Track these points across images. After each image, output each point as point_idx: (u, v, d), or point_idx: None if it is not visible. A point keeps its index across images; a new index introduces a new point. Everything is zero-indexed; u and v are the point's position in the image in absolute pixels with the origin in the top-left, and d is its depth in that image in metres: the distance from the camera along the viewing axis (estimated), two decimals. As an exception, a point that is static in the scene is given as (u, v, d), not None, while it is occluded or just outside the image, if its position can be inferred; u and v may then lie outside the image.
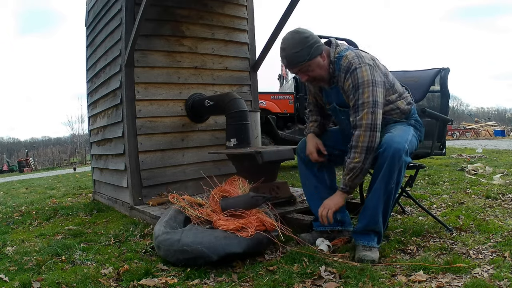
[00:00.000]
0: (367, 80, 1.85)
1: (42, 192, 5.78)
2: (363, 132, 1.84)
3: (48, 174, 12.81)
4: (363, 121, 1.84)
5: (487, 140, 15.04)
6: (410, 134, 1.96)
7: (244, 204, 2.10)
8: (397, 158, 1.80)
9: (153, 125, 3.31)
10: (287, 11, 3.41)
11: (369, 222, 1.90)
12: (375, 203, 1.88)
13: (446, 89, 2.36)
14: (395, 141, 1.83)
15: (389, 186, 1.85)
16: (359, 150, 1.85)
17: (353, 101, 1.89)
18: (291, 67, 1.96)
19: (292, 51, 1.90)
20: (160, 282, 1.72)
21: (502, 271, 1.60)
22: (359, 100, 1.86)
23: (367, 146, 1.84)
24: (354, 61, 1.89)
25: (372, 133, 1.84)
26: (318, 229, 2.19)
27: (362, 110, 1.85)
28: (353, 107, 1.89)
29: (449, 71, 2.37)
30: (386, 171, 1.82)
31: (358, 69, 1.87)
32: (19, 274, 1.92)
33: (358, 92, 1.86)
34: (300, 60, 1.90)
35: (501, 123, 31.19)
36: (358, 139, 1.85)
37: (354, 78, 1.87)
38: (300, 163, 2.24)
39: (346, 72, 1.90)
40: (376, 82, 1.87)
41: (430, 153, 2.29)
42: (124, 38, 3.18)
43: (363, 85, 1.85)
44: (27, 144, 47.64)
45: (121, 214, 3.34)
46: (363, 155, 1.85)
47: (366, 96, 1.85)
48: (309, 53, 1.89)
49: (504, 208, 2.69)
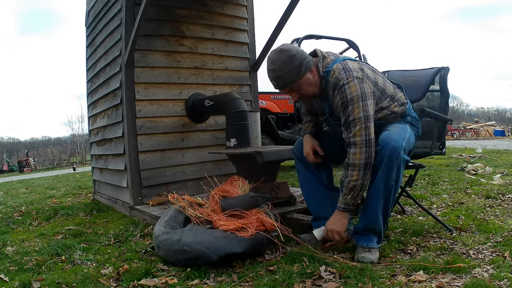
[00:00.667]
0: (356, 96, 1.81)
1: (42, 192, 5.78)
2: (358, 149, 1.82)
3: (48, 174, 12.81)
4: (356, 138, 1.81)
5: (487, 140, 15.04)
6: (407, 131, 1.96)
7: (244, 204, 2.10)
8: (395, 156, 1.80)
9: (153, 125, 3.31)
10: (287, 11, 3.41)
11: (369, 221, 1.90)
12: (375, 202, 1.88)
13: (446, 88, 2.35)
14: (393, 139, 1.82)
15: (388, 184, 1.85)
16: (357, 168, 1.82)
17: (343, 118, 1.86)
18: (280, 88, 1.91)
19: (280, 72, 1.84)
20: (160, 282, 1.72)
21: (502, 271, 1.60)
22: (350, 117, 1.83)
23: (364, 163, 1.81)
24: (342, 76, 1.83)
25: (367, 149, 1.81)
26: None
27: (354, 127, 1.82)
28: (344, 124, 1.86)
29: (448, 70, 2.36)
30: (385, 170, 1.83)
31: (346, 85, 1.82)
32: (19, 274, 1.92)
33: (347, 109, 1.83)
34: (289, 81, 1.86)
35: (501, 123, 31.20)
36: (355, 157, 1.82)
37: (342, 95, 1.83)
38: (298, 162, 2.23)
39: (334, 89, 1.86)
40: (366, 95, 1.83)
41: (430, 153, 2.29)
42: (124, 38, 3.18)
43: (353, 102, 1.81)
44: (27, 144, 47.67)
45: (121, 214, 3.34)
46: (361, 172, 1.82)
47: (357, 112, 1.81)
48: (299, 72, 1.84)
49: (504, 208, 2.69)
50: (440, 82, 2.37)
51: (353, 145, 1.83)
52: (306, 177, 2.20)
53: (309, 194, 2.22)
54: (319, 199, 2.18)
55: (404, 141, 1.86)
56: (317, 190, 2.18)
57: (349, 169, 1.84)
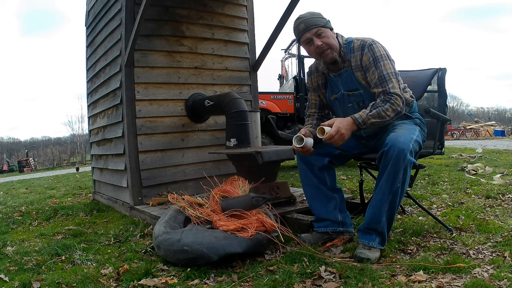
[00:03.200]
0: (384, 54, 1.99)
1: (42, 192, 5.79)
2: (399, 98, 1.94)
3: (48, 174, 12.81)
4: (396, 90, 1.94)
5: (487, 140, 15.04)
6: (415, 134, 1.97)
7: (245, 205, 2.10)
8: (402, 158, 1.80)
9: (153, 125, 3.31)
10: (287, 11, 3.41)
11: (371, 220, 1.90)
12: (379, 202, 1.88)
13: (443, 89, 2.39)
14: (400, 141, 1.83)
15: (394, 186, 1.84)
16: (393, 110, 1.93)
17: (376, 72, 1.97)
18: (308, 29, 2.02)
19: (309, 17, 2.04)
20: (160, 282, 1.72)
21: (502, 271, 1.60)
22: (384, 71, 1.96)
23: (399, 110, 1.94)
24: (367, 39, 2.03)
25: (403, 101, 1.96)
26: (319, 230, 2.18)
27: (390, 79, 1.95)
28: (379, 78, 1.97)
29: (446, 71, 2.41)
30: (391, 171, 1.83)
31: (373, 44, 2.00)
32: (19, 274, 1.92)
33: (380, 64, 1.97)
34: (318, 22, 2.02)
35: (501, 123, 31.19)
36: (396, 102, 1.93)
37: (372, 52, 1.99)
38: (300, 162, 2.22)
39: (362, 48, 2.02)
40: (390, 56, 2.01)
41: (433, 153, 2.32)
42: (124, 38, 3.18)
43: (383, 58, 1.97)
44: (27, 144, 47.67)
45: (121, 214, 3.34)
46: (393, 114, 1.93)
47: (389, 67, 1.97)
48: (325, 22, 2.04)
49: (504, 208, 2.69)
50: (437, 83, 2.41)
51: (395, 95, 1.94)
52: (309, 179, 2.19)
53: (312, 196, 2.21)
54: (322, 201, 2.17)
55: (411, 143, 1.86)
56: (320, 192, 2.17)
57: (388, 104, 1.93)
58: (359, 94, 2.08)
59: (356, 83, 2.07)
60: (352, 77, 2.07)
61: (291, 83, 6.72)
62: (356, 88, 2.08)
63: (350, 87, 2.10)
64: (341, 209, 2.18)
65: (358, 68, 2.04)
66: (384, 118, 1.92)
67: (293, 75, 6.76)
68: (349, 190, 3.74)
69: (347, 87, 2.11)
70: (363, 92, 2.07)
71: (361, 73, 2.04)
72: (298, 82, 6.42)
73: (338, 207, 2.17)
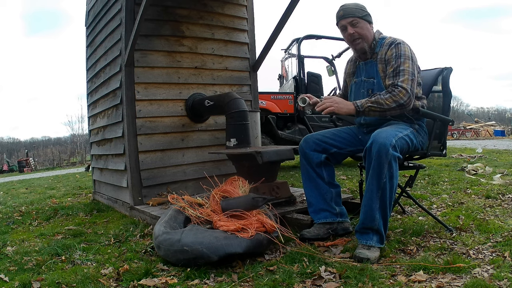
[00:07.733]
0: (408, 54, 2.08)
1: (42, 192, 5.78)
2: (404, 91, 2.00)
3: (48, 174, 12.80)
4: (404, 84, 2.01)
5: (487, 140, 15.04)
6: (403, 132, 2.01)
7: (245, 205, 2.10)
8: (384, 153, 1.84)
9: (153, 125, 3.31)
10: (287, 11, 3.41)
11: (365, 219, 1.92)
12: (370, 200, 1.90)
13: (448, 89, 2.34)
14: (381, 137, 1.88)
15: (381, 181, 1.87)
16: (394, 101, 2.00)
17: (394, 66, 2.07)
18: (345, 16, 2.15)
19: (351, 6, 2.16)
20: (160, 282, 1.72)
21: (502, 271, 1.60)
22: (401, 66, 2.05)
23: (400, 103, 2.00)
24: (398, 39, 2.15)
25: (410, 97, 2.02)
26: (319, 221, 2.25)
27: (403, 75, 2.03)
28: (394, 71, 2.07)
29: (451, 70, 2.35)
30: (376, 166, 1.86)
31: (402, 44, 2.11)
32: (19, 274, 1.92)
33: (400, 60, 2.07)
34: (356, 13, 2.14)
35: (501, 123, 31.16)
36: (399, 94, 2.00)
37: (398, 49, 2.10)
38: (302, 158, 2.33)
39: (391, 44, 2.13)
40: (414, 60, 2.11)
41: (427, 154, 2.24)
42: (124, 38, 3.18)
43: (405, 57, 2.07)
44: (27, 144, 47.60)
45: (121, 214, 3.34)
46: (393, 105, 2.00)
47: (407, 66, 2.05)
48: (364, 14, 2.16)
49: (504, 208, 2.69)
50: (442, 82, 2.36)
51: (400, 87, 2.01)
52: (308, 173, 2.31)
53: (310, 189, 2.31)
54: (319, 193, 2.28)
55: (394, 138, 1.90)
56: (317, 185, 2.28)
57: (389, 94, 2.01)
58: (372, 82, 2.19)
59: (374, 73, 2.18)
60: (374, 67, 2.19)
61: (291, 83, 6.72)
62: (372, 77, 2.20)
63: (369, 75, 2.21)
64: (336, 202, 2.28)
65: (382, 61, 2.16)
66: (382, 106, 1.99)
67: (293, 75, 6.75)
68: (349, 190, 3.74)
69: (367, 75, 2.23)
70: (376, 82, 2.17)
71: (382, 65, 2.15)
72: (298, 82, 6.42)
73: (334, 200, 2.27)
